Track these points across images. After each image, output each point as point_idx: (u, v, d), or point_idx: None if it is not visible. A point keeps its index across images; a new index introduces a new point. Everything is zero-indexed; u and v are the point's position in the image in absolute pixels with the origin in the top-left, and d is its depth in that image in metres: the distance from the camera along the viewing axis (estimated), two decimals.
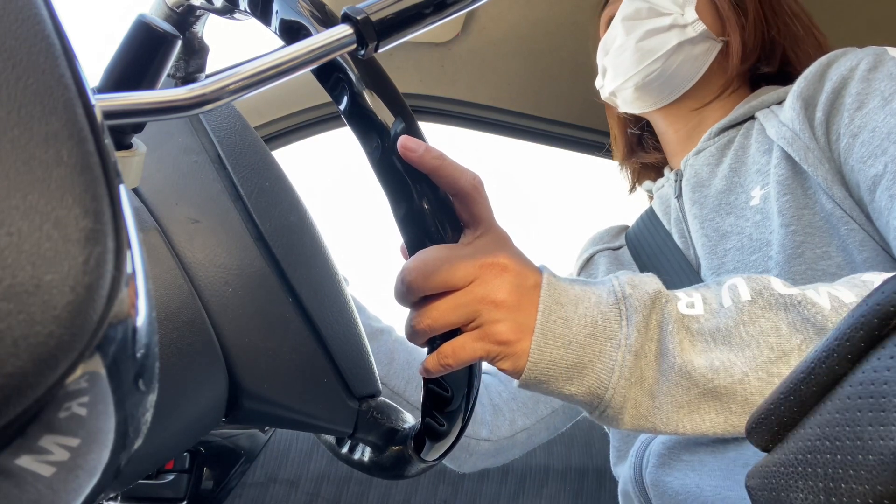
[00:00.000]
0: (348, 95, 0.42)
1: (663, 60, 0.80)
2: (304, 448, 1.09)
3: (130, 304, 0.18)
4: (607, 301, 0.45)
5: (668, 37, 0.79)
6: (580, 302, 0.45)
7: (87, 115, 0.18)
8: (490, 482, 1.11)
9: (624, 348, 0.44)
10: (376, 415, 0.49)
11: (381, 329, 0.87)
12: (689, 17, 0.79)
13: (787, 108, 0.70)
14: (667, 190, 0.87)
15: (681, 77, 0.81)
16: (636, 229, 0.91)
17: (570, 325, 0.44)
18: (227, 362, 0.41)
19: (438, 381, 0.46)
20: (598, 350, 0.44)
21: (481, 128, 1.29)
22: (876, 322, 0.22)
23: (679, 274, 0.79)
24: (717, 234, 0.74)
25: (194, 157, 0.47)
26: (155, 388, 0.20)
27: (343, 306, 0.48)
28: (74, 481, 0.17)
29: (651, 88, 0.83)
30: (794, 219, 0.66)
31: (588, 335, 0.44)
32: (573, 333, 0.44)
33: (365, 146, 0.43)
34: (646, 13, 0.81)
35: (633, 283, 0.46)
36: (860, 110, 0.63)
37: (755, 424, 0.28)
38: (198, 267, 0.41)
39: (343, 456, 0.56)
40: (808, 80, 0.70)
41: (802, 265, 0.64)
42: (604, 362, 0.44)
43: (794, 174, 0.68)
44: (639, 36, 0.80)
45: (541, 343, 0.44)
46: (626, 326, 0.44)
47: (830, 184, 0.64)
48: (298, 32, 0.41)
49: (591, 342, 0.44)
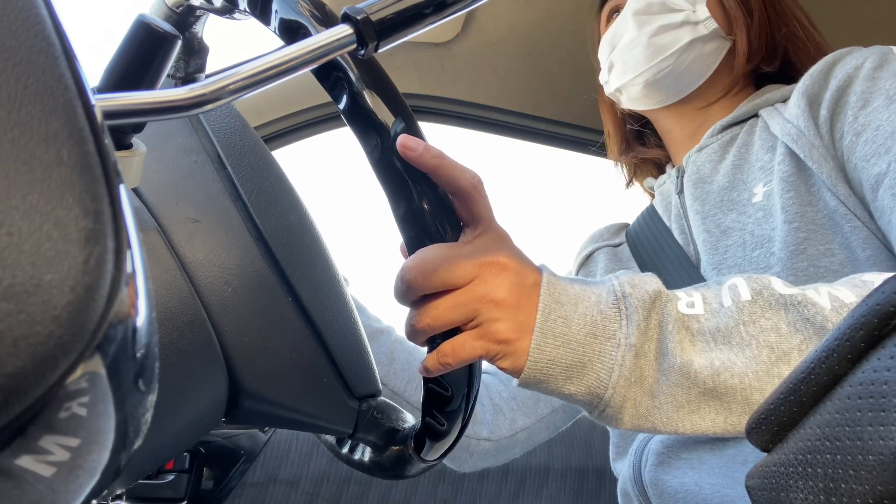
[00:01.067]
0: (348, 95, 0.42)
1: (675, 57, 0.79)
2: (304, 448, 1.09)
3: (130, 304, 0.18)
4: (607, 300, 0.45)
5: (680, 33, 0.78)
6: (580, 301, 0.45)
7: (87, 115, 0.18)
8: (490, 482, 1.11)
9: (624, 348, 0.44)
10: (376, 415, 0.49)
11: (382, 329, 0.87)
12: (700, 14, 0.78)
13: (792, 106, 0.70)
14: (668, 186, 0.87)
15: (691, 75, 0.81)
16: (636, 226, 0.91)
17: (570, 324, 0.44)
18: (227, 362, 0.41)
19: (438, 380, 0.46)
20: (597, 349, 0.44)
21: (481, 128, 1.29)
22: (876, 322, 0.22)
23: (679, 271, 0.78)
24: (719, 230, 0.74)
25: (194, 157, 0.47)
26: (155, 388, 0.20)
27: (343, 306, 0.48)
28: (75, 481, 0.17)
29: (661, 86, 0.82)
30: (797, 215, 0.66)
31: (588, 334, 0.44)
32: (573, 332, 0.44)
33: (364, 145, 0.43)
34: (658, 8, 0.79)
35: (633, 283, 0.46)
36: (864, 108, 0.63)
37: (755, 424, 0.28)
38: (198, 267, 0.41)
39: (343, 456, 0.56)
40: (813, 78, 0.70)
41: (805, 262, 0.64)
42: (603, 362, 0.44)
43: (798, 171, 0.68)
44: (651, 31, 0.79)
45: (540, 342, 0.44)
46: (626, 326, 0.44)
47: (835, 181, 0.64)
48: (298, 32, 0.41)
49: (590, 341, 0.44)
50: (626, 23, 0.82)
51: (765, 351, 0.43)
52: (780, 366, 0.43)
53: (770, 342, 0.44)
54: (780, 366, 0.43)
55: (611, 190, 1.11)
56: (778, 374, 0.43)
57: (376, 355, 0.79)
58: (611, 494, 1.10)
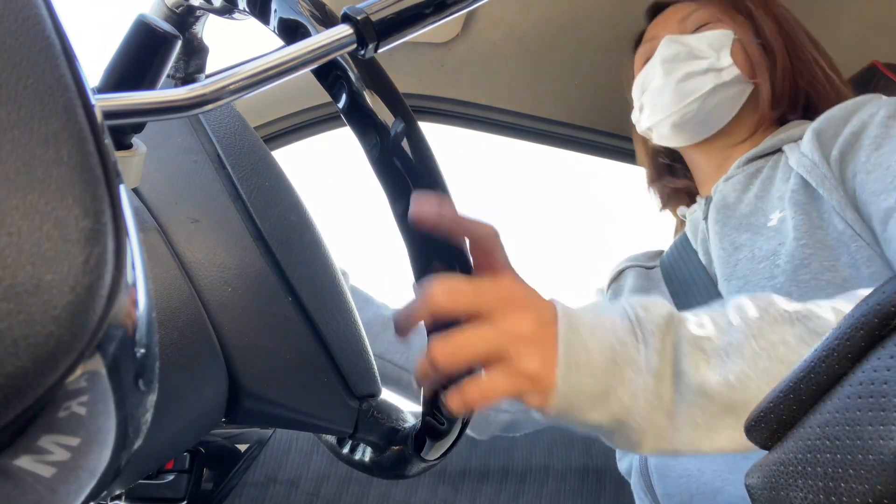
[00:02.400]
0: (347, 94, 0.42)
1: (700, 101, 0.85)
2: (304, 448, 1.09)
3: (130, 304, 0.18)
4: (622, 325, 0.46)
5: (705, 80, 0.85)
6: (596, 328, 0.45)
7: (87, 115, 0.18)
8: (490, 482, 1.11)
9: (645, 373, 0.44)
10: (377, 414, 0.49)
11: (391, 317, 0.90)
12: (724, 62, 0.85)
13: (806, 141, 0.76)
14: (697, 214, 0.92)
15: (715, 117, 0.87)
16: (670, 255, 0.96)
17: (591, 352, 0.44)
18: (227, 362, 0.41)
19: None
20: (619, 376, 0.44)
21: (481, 128, 1.29)
22: (876, 322, 0.22)
23: (700, 289, 0.83)
24: (732, 246, 0.79)
25: (194, 157, 0.47)
26: (155, 388, 0.20)
27: (343, 305, 0.48)
28: (75, 482, 0.17)
29: (688, 127, 0.88)
30: (806, 234, 0.71)
31: (608, 360, 0.44)
32: (594, 361, 0.44)
33: (364, 145, 0.43)
34: (684, 56, 0.87)
35: (645, 307, 0.47)
36: (876, 151, 0.69)
37: (755, 422, 0.28)
38: (197, 266, 0.41)
39: (344, 456, 0.56)
40: (829, 121, 0.76)
41: (808, 275, 0.68)
42: (626, 388, 0.44)
43: (811, 199, 0.73)
44: (678, 78, 0.86)
45: (565, 373, 0.44)
46: (645, 350, 0.45)
47: (843, 207, 0.70)
48: (297, 31, 0.41)
49: (612, 368, 0.44)
50: (656, 69, 0.89)
51: (776, 364, 0.44)
52: None
53: (780, 355, 0.44)
54: None
55: (610, 188, 1.12)
56: None
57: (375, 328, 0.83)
58: (611, 494, 1.10)
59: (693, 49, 0.86)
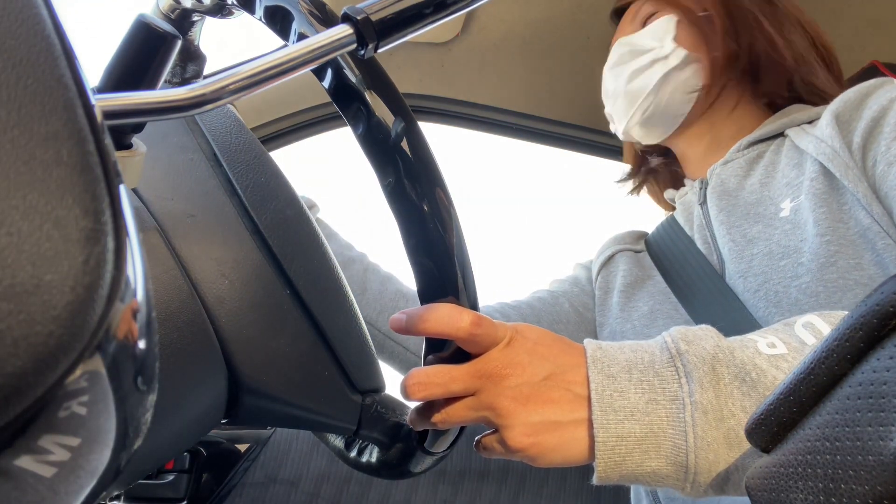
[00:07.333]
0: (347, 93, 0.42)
1: (654, 95, 0.84)
2: (304, 448, 1.09)
3: (130, 304, 0.18)
4: (661, 360, 0.44)
5: (651, 73, 0.84)
6: (633, 367, 0.44)
7: (87, 115, 0.18)
8: (490, 482, 1.11)
9: (690, 407, 0.41)
10: (380, 409, 0.49)
11: (353, 257, 0.89)
12: (667, 48, 0.83)
13: (824, 126, 0.72)
14: (690, 197, 0.89)
15: (678, 102, 0.85)
16: (657, 236, 0.93)
17: (627, 394, 0.42)
18: (226, 357, 0.41)
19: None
20: (663, 414, 0.42)
21: (481, 128, 1.29)
22: (875, 322, 0.22)
23: (703, 279, 0.80)
24: (744, 239, 0.76)
25: (190, 155, 0.46)
26: (155, 387, 0.20)
27: (343, 298, 0.48)
28: (75, 482, 0.17)
29: (655, 121, 0.87)
30: (829, 229, 0.67)
31: (649, 401, 0.42)
32: (632, 403, 0.42)
33: (379, 175, 0.43)
34: (628, 56, 0.86)
35: (688, 339, 0.44)
36: None
37: (755, 425, 0.28)
38: (193, 260, 0.41)
39: (352, 460, 0.55)
40: (845, 105, 0.72)
41: (835, 273, 0.65)
42: (674, 426, 0.42)
43: (831, 189, 0.69)
44: (625, 80, 0.86)
45: (601, 419, 0.42)
46: (688, 384, 0.42)
47: (870, 200, 0.66)
48: (284, 18, 0.41)
49: (653, 408, 0.42)
50: (607, 77, 0.91)
51: None
52: None
53: None
54: None
55: (609, 188, 1.12)
56: None
57: (349, 284, 0.82)
58: (611, 495, 1.10)
59: (635, 46, 0.85)
